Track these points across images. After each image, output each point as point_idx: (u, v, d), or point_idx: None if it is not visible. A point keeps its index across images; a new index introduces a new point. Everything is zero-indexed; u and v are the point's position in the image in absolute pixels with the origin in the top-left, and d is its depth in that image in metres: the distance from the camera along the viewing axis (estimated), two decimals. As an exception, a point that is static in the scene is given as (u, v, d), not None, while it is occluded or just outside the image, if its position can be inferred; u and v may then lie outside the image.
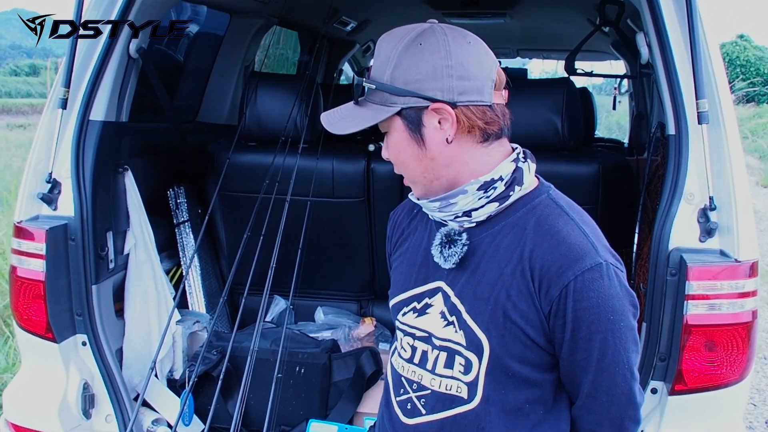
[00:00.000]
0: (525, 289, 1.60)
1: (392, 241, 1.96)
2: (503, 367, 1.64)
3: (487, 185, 1.63)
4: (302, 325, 3.83)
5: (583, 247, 1.56)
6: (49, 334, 2.66)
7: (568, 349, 1.60)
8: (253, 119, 3.49)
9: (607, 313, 1.55)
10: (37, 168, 2.68)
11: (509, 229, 1.65)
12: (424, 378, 1.74)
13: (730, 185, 2.27)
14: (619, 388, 1.63)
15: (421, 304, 1.76)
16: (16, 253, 2.66)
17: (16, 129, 19.36)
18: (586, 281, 1.54)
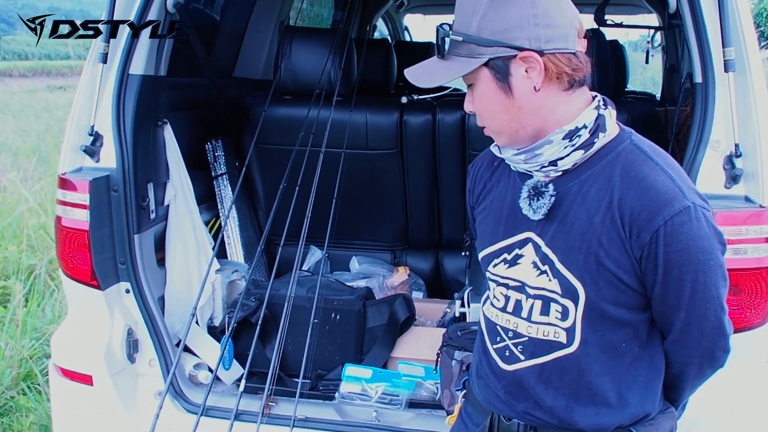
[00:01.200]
0: (616, 236, 1.62)
1: (474, 194, 1.96)
2: (599, 311, 1.67)
3: (572, 133, 1.64)
4: (337, 274, 3.90)
5: (671, 192, 1.59)
6: (94, 282, 2.74)
7: (660, 290, 1.63)
8: (288, 73, 3.54)
9: (697, 253, 1.59)
10: (80, 121, 2.74)
11: (595, 177, 1.67)
12: (519, 326, 1.77)
13: (756, 132, 2.30)
14: (709, 323, 1.68)
15: (512, 255, 1.78)
16: (61, 203, 2.74)
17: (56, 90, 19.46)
18: (675, 225, 1.57)
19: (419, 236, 4.02)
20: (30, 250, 6.14)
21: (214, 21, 4.25)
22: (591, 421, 1.77)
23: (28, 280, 5.50)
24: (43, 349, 4.54)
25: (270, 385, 2.72)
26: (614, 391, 1.75)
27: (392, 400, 2.85)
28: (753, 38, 2.38)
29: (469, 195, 1.99)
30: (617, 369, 1.74)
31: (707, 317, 1.67)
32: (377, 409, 2.75)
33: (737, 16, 2.34)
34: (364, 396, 2.88)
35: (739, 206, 2.29)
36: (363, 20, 6.22)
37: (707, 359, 1.76)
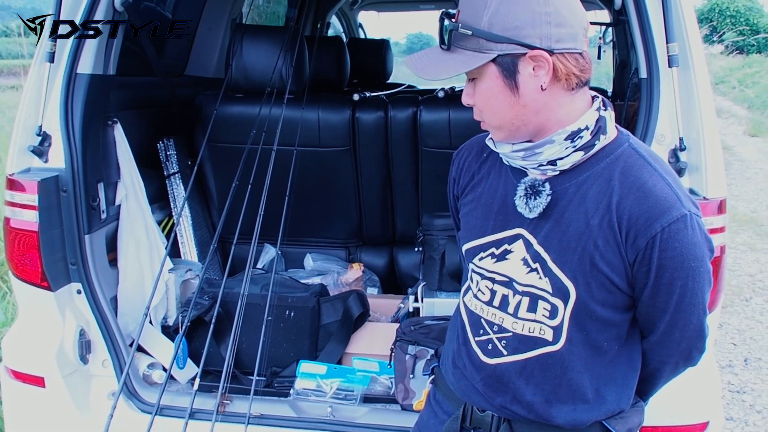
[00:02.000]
0: (612, 239, 1.64)
1: (459, 184, 1.96)
2: (588, 312, 1.69)
3: (574, 135, 1.65)
4: (292, 271, 3.91)
5: (669, 199, 1.61)
6: (45, 283, 2.71)
7: (649, 294, 1.67)
8: (240, 71, 3.54)
9: (689, 260, 1.62)
10: (27, 121, 2.71)
11: (594, 180, 1.68)
12: (505, 321, 1.78)
13: (700, 126, 2.35)
14: (692, 326, 1.72)
15: (500, 250, 1.79)
16: (10, 204, 2.70)
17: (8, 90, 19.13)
18: (672, 232, 1.59)
19: (373, 233, 4.04)
20: (-22, 252, 6.05)
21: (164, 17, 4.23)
22: (568, 417, 1.80)
23: (-22, 283, 5.43)
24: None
25: (224, 383, 2.72)
26: (593, 388, 1.78)
27: (347, 395, 2.87)
28: (696, 34, 2.43)
29: (454, 184, 1.99)
30: (597, 366, 1.77)
31: (691, 320, 1.72)
32: (332, 405, 2.76)
33: (680, 12, 2.38)
34: (319, 392, 2.89)
35: None
36: (316, 17, 6.22)
37: (683, 358, 1.82)
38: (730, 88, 22.60)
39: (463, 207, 1.94)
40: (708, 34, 30.20)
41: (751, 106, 19.61)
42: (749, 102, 20.03)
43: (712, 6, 36.33)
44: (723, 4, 36.10)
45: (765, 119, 17.74)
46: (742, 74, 24.53)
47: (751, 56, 31.47)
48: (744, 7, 36.42)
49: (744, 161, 12.74)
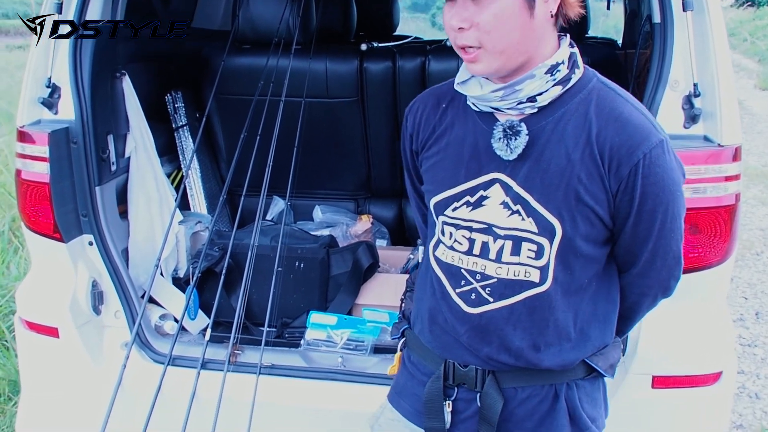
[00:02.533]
0: (595, 171, 1.66)
1: (419, 138, 1.92)
2: (572, 248, 1.71)
3: (553, 68, 1.66)
4: (301, 224, 3.91)
5: (646, 127, 1.66)
6: (57, 234, 2.73)
7: (632, 223, 1.69)
8: (246, 22, 3.51)
9: (669, 185, 1.67)
10: (37, 73, 2.71)
11: (570, 115, 1.69)
12: (488, 268, 1.76)
13: (714, 72, 2.32)
14: (672, 252, 1.77)
15: (476, 197, 1.77)
16: (21, 156, 2.71)
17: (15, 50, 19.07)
18: (653, 158, 1.63)
19: (382, 185, 4.02)
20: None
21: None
22: (556, 359, 1.80)
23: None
24: (10, 306, 4.52)
25: (235, 333, 2.73)
26: (577, 327, 1.79)
27: (357, 345, 2.88)
28: (711, -25, 2.40)
29: (411, 140, 1.95)
30: (580, 305, 1.78)
31: (671, 247, 1.76)
32: (342, 355, 2.78)
33: (694, -48, 2.34)
34: (330, 342, 2.90)
35: (698, 146, 2.32)
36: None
37: (662, 289, 1.85)
38: (741, 40, 22.38)
39: (426, 161, 1.90)
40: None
41: (762, 60, 19.40)
42: (760, 55, 19.84)
43: (723, -42, 35.83)
44: (735, -45, 35.64)
45: (776, 73, 17.61)
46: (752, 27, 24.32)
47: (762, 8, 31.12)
48: (756, -43, 35.97)
49: (755, 115, 12.66)
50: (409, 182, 2.07)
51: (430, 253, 1.91)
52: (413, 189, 2.07)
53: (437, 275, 1.87)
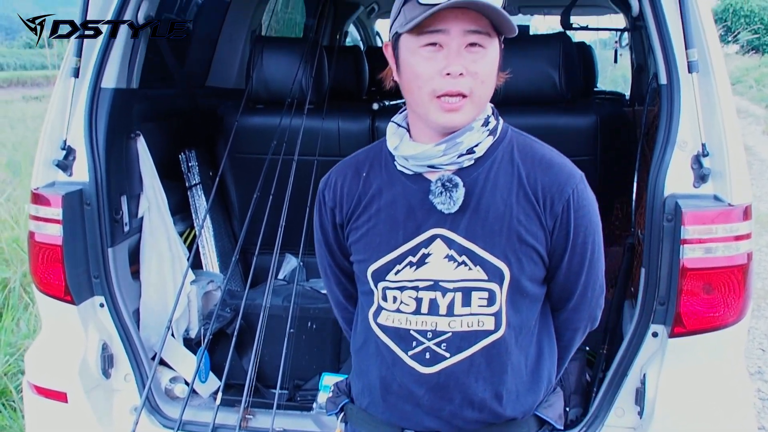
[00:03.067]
0: (531, 211, 1.74)
1: (343, 210, 1.89)
2: (520, 289, 1.76)
3: (486, 120, 1.75)
4: (314, 281, 3.90)
5: (567, 165, 1.79)
6: (68, 297, 2.73)
7: (567, 258, 1.78)
8: (260, 82, 3.54)
9: (593, 216, 1.81)
10: (52, 135, 2.74)
11: (499, 163, 1.77)
12: (439, 324, 1.76)
13: (722, 132, 2.33)
14: (598, 281, 1.88)
15: (418, 256, 1.77)
16: (34, 218, 2.73)
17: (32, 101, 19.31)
18: (579, 192, 1.76)
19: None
20: (3, 263, 6.08)
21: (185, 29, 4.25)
22: (516, 406, 1.83)
23: (2, 294, 5.46)
24: (18, 365, 4.49)
25: (247, 397, 2.72)
26: (528, 369, 1.84)
27: (370, 407, 2.85)
28: (715, 39, 2.42)
29: (332, 214, 1.91)
30: (529, 346, 1.84)
31: (598, 276, 1.88)
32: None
33: (698, 17, 2.37)
34: (343, 404, 2.87)
35: (708, 205, 2.32)
36: (334, 27, 6.23)
37: (591, 320, 1.95)
38: (747, 87, 22.50)
39: (356, 231, 1.87)
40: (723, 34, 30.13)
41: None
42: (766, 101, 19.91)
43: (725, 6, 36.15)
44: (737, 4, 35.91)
45: (783, 119, 17.62)
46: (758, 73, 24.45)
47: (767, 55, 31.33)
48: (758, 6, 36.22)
49: (764, 161, 12.64)
50: (329, 258, 2.02)
51: (371, 322, 1.87)
52: (333, 264, 2.02)
53: (383, 342, 1.84)
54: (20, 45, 42.75)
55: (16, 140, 11.94)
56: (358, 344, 1.96)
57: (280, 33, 5.89)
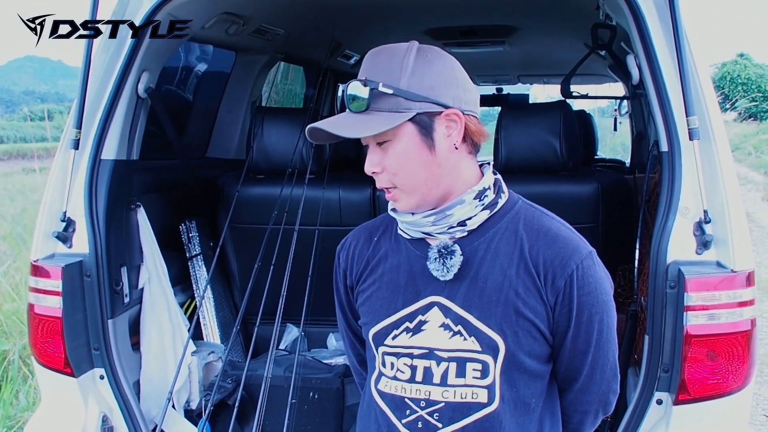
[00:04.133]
0: (532, 284, 1.70)
1: (353, 273, 1.93)
2: (516, 364, 1.72)
3: (480, 194, 1.73)
4: (315, 351, 3.88)
5: (574, 240, 1.74)
6: (68, 369, 2.70)
7: (571, 336, 1.73)
8: (261, 153, 3.57)
9: (602, 294, 1.73)
10: (52, 207, 2.74)
11: (502, 234, 1.75)
12: (432, 393, 1.75)
13: (724, 198, 2.33)
14: (609, 363, 1.80)
15: (414, 323, 1.78)
16: (34, 291, 2.71)
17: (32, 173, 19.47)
18: (585, 268, 1.70)
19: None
20: (2, 335, 6.05)
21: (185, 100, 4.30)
22: None
23: (1, 366, 5.42)
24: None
25: None
26: None
27: (374, 479, 2.80)
28: (715, 106, 2.43)
29: (345, 276, 1.96)
30: (528, 426, 1.78)
31: (608, 358, 1.80)
32: (359, 490, 2.70)
33: (699, 84, 2.38)
34: (345, 476, 2.84)
35: (711, 272, 2.31)
36: (334, 96, 6.30)
37: (602, 404, 1.87)
38: (746, 154, 22.66)
39: (362, 294, 1.90)
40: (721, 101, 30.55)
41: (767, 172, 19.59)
42: (765, 168, 20.07)
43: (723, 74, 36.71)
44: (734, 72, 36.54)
45: (782, 185, 17.70)
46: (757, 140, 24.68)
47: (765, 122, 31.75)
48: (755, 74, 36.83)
49: (764, 227, 12.65)
50: (343, 321, 2.07)
51: (372, 388, 1.89)
52: (347, 327, 2.07)
53: (381, 409, 1.84)
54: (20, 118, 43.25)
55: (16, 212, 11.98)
56: (362, 411, 1.96)
57: (281, 104, 5.95)
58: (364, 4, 4.00)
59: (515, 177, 3.03)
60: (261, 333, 3.12)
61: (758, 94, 34.96)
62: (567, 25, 4.44)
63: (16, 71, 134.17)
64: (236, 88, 4.50)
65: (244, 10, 3.54)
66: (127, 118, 2.87)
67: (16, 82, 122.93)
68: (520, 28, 4.64)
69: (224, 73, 4.51)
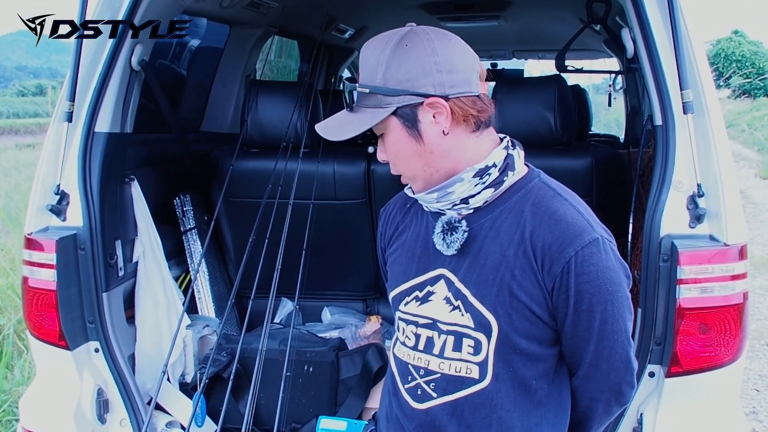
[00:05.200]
0: (528, 268, 1.68)
1: (386, 236, 2.00)
2: (511, 345, 1.72)
3: (482, 172, 1.70)
4: (310, 325, 3.89)
5: (580, 224, 1.67)
6: (62, 342, 2.71)
7: (571, 322, 1.69)
8: (255, 126, 3.56)
9: (606, 284, 1.66)
10: (46, 180, 2.74)
11: (507, 213, 1.73)
12: (431, 363, 1.78)
13: (717, 172, 2.33)
14: (617, 355, 1.74)
15: (423, 292, 1.81)
16: (28, 264, 2.72)
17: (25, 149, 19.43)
18: (585, 256, 1.64)
19: (391, 285, 4.01)
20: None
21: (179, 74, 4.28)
22: None
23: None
24: (13, 412, 4.46)
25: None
26: (523, 429, 1.78)
27: (368, 451, 2.83)
28: (709, 80, 2.44)
29: (381, 238, 2.03)
30: (527, 406, 1.78)
31: (615, 350, 1.73)
32: (353, 462, 2.73)
33: (693, 58, 2.38)
34: (340, 448, 2.86)
35: (704, 245, 2.32)
36: (329, 71, 6.29)
37: (614, 395, 1.82)
38: (740, 131, 22.70)
39: (389, 257, 1.97)
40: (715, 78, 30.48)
41: (761, 149, 19.68)
42: (759, 145, 20.12)
43: (717, 51, 36.71)
44: (728, 49, 36.55)
45: (776, 161, 17.75)
46: (750, 117, 24.73)
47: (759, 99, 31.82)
48: (749, 51, 36.83)
49: (757, 204, 12.72)
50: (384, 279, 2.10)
51: (392, 350, 1.95)
52: None
53: (392, 372, 1.91)
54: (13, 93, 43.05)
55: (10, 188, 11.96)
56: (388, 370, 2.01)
57: (275, 79, 5.94)
58: (358, -22, 3.98)
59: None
60: (255, 307, 3.12)
61: (752, 70, 34.97)
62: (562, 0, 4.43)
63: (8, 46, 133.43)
64: (230, 62, 4.48)
65: (238, -18, 3.53)
66: (120, 91, 2.86)
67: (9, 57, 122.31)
68: (515, 2, 4.63)
69: (218, 47, 4.49)
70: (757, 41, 38.76)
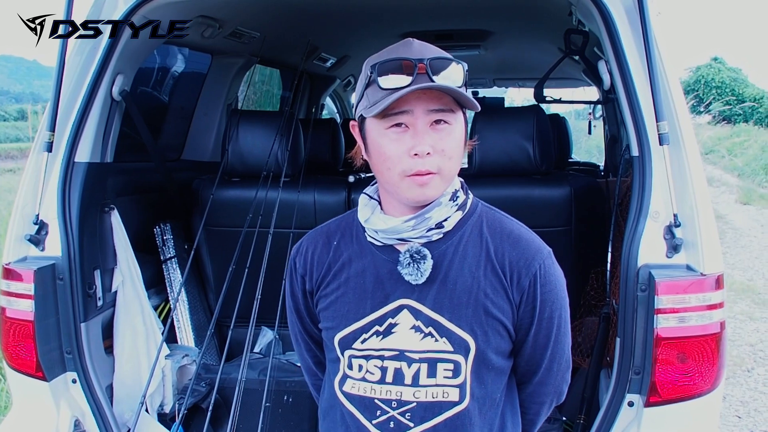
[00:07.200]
0: (499, 285, 1.76)
1: (313, 278, 1.91)
2: (485, 362, 1.77)
3: (454, 195, 1.77)
4: (290, 354, 3.87)
5: (535, 241, 1.81)
6: (39, 373, 2.69)
7: (534, 331, 1.80)
8: (236, 155, 3.56)
9: (561, 291, 1.82)
10: (24, 210, 2.72)
11: (468, 237, 1.80)
12: (404, 393, 1.77)
13: (693, 202, 2.35)
14: (565, 356, 1.89)
15: (384, 326, 1.79)
16: (5, 294, 2.70)
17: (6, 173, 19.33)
18: (547, 267, 1.78)
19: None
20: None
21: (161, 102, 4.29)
22: None
23: (-28, 371, 5.37)
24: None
25: None
26: None
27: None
28: (685, 111, 2.46)
29: (303, 281, 1.94)
30: (494, 419, 1.84)
31: (564, 350, 1.88)
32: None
33: (669, 90, 2.41)
34: (319, 479, 2.83)
35: (681, 275, 2.33)
36: (311, 99, 6.31)
37: (557, 394, 1.95)
38: (720, 157, 22.91)
39: (325, 299, 1.89)
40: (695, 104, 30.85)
41: (741, 175, 19.85)
42: (739, 170, 20.30)
43: (697, 78, 37.06)
44: (708, 76, 36.90)
45: (756, 187, 17.94)
46: (730, 143, 24.94)
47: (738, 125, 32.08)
48: (729, 77, 37.16)
49: (737, 229, 12.80)
50: (299, 325, 2.04)
51: (337, 390, 1.89)
52: (303, 331, 2.04)
53: (348, 410, 1.86)
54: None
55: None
56: (324, 411, 1.97)
57: (258, 105, 5.95)
58: (339, 9, 4.01)
59: (489, 181, 3.07)
60: (235, 336, 3.11)
61: (732, 97, 35.33)
62: (541, 30, 4.47)
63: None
64: (212, 90, 4.49)
65: (220, 13, 3.54)
66: (101, 121, 2.86)
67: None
68: (496, 32, 4.67)
69: (200, 75, 4.50)
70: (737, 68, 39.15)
